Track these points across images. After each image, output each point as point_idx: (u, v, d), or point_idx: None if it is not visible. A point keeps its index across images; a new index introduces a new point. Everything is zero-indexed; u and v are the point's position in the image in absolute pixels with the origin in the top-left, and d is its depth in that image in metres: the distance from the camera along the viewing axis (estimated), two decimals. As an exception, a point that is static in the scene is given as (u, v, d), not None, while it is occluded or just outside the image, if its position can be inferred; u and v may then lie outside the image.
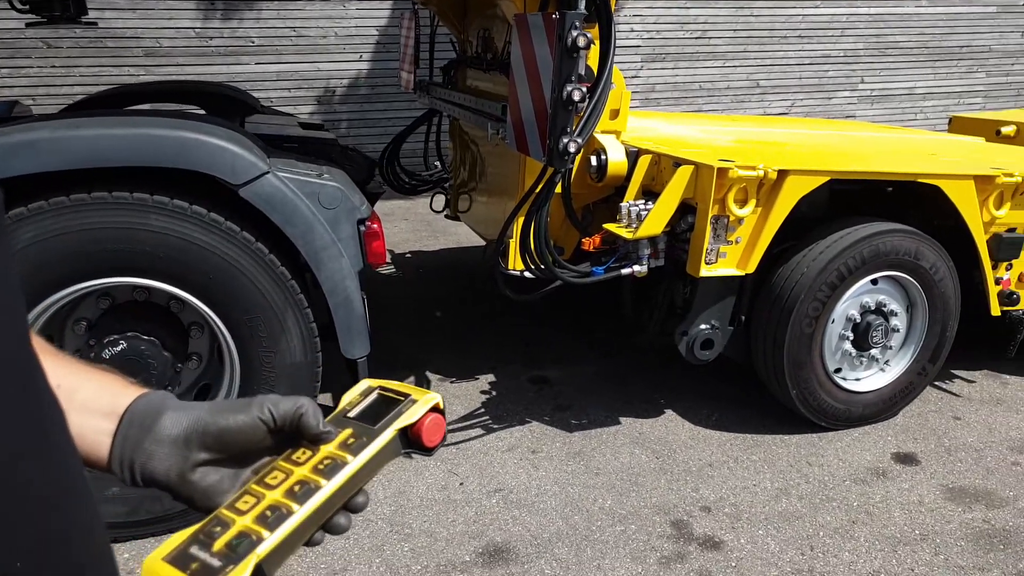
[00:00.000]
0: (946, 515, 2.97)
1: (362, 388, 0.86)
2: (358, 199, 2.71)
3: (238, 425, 0.76)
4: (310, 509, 0.73)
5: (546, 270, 3.17)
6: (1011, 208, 3.54)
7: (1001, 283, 3.68)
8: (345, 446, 0.78)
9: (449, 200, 4.92)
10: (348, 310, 2.68)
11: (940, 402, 3.85)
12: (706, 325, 3.31)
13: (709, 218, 3.06)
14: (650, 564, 2.70)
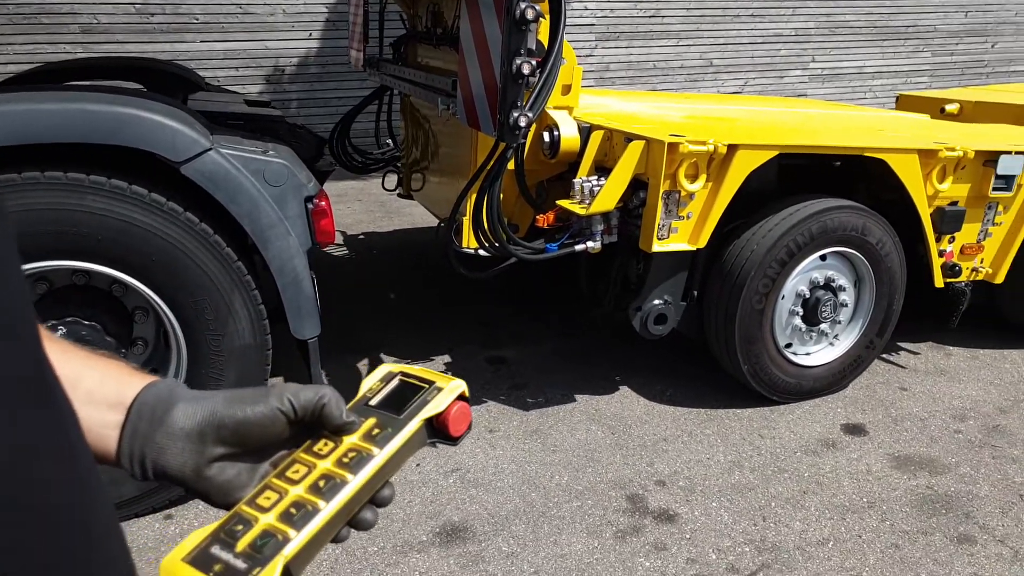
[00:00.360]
0: (892, 483, 3.04)
1: (382, 374, 0.82)
2: (305, 176, 2.65)
3: (256, 417, 0.72)
4: (337, 506, 0.69)
5: (500, 248, 3.15)
6: (953, 182, 3.61)
7: (944, 255, 3.76)
8: (370, 437, 0.74)
9: (401, 179, 4.87)
10: (297, 290, 2.62)
11: (887, 374, 3.94)
12: (659, 300, 3.33)
13: (660, 193, 3.07)
14: (606, 538, 2.72)
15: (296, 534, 0.67)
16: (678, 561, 2.61)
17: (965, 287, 3.89)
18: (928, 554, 2.65)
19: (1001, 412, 3.59)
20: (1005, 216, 3.85)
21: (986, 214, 3.81)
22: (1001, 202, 3.81)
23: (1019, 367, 4.04)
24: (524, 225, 3.50)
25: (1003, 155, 3.64)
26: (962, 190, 3.69)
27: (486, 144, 3.06)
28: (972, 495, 2.97)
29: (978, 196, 3.73)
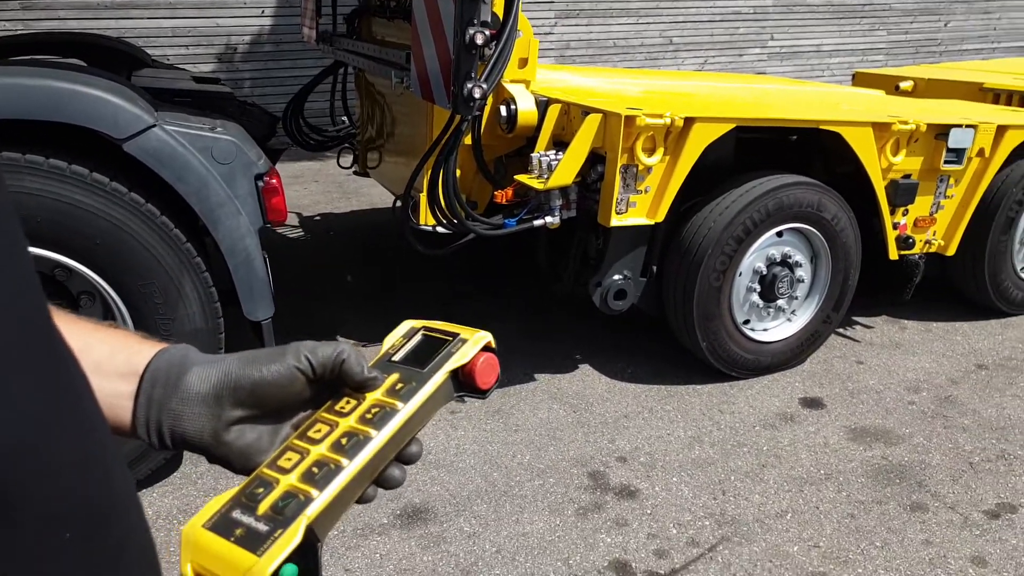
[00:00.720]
0: (848, 454, 3.09)
1: (404, 330, 0.79)
2: (255, 154, 2.58)
3: (273, 376, 0.69)
4: (361, 463, 0.66)
5: (458, 224, 3.12)
6: (907, 155, 3.66)
7: (898, 228, 3.81)
8: (393, 392, 0.71)
9: (357, 156, 4.79)
10: (249, 270, 2.56)
11: (844, 348, 3.99)
12: (619, 275, 3.33)
13: (618, 167, 3.05)
14: (568, 515, 2.72)
15: (319, 494, 0.64)
16: (639, 536, 2.62)
17: (919, 259, 3.95)
18: (882, 523, 2.69)
19: (952, 383, 3.66)
20: (956, 189, 3.92)
21: (938, 187, 3.87)
22: (952, 175, 3.87)
23: (969, 339, 4.13)
24: (483, 201, 3.47)
25: (954, 128, 3.70)
26: (915, 163, 3.74)
27: (442, 118, 3.02)
28: (924, 464, 3.03)
29: (930, 169, 3.79)
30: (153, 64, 4.15)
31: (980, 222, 4.02)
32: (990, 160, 3.89)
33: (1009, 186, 3.99)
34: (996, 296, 4.25)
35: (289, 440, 0.70)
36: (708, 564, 2.49)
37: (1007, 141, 3.88)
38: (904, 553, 2.55)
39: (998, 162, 3.91)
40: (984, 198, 3.97)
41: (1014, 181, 3.99)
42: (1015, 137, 3.90)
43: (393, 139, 4.17)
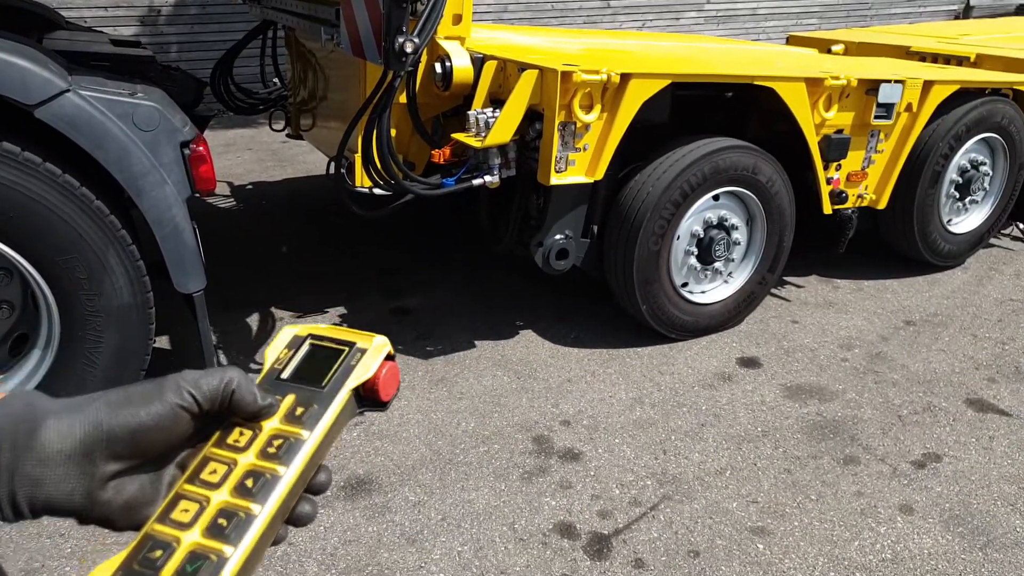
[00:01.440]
0: (785, 411, 3.17)
1: (288, 339, 0.69)
2: (180, 120, 2.47)
3: (153, 420, 0.59)
4: (274, 507, 0.58)
5: (395, 184, 3.06)
6: (839, 110, 3.72)
7: (832, 183, 3.89)
8: (294, 419, 0.63)
9: (290, 119, 4.65)
10: (178, 241, 2.47)
11: (779, 308, 4.08)
12: (560, 235, 3.32)
13: (556, 124, 3.03)
14: (513, 480, 2.73)
15: (233, 550, 0.55)
16: (583, 498, 2.64)
17: (852, 213, 4.04)
18: (817, 476, 2.78)
19: (883, 340, 3.78)
20: (886, 144, 4.01)
21: (869, 142, 3.96)
22: (883, 130, 3.95)
23: (899, 296, 4.26)
24: (420, 162, 3.41)
25: (883, 84, 3.77)
26: (847, 118, 3.81)
27: (374, 77, 2.95)
28: (857, 419, 3.12)
29: (861, 124, 3.86)
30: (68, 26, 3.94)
31: (909, 176, 4.13)
32: (918, 115, 3.99)
33: (936, 140, 4.10)
34: (925, 248, 4.38)
35: (179, 486, 0.60)
36: (650, 523, 2.54)
37: (933, 96, 3.98)
38: (837, 505, 2.63)
39: (925, 117, 4.01)
40: (912, 152, 4.08)
41: (940, 135, 4.10)
42: (940, 92, 4.01)
43: (326, 100, 4.07)
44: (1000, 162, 4.49)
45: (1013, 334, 3.85)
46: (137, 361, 2.63)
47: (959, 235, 4.52)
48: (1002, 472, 2.81)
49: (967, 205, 4.50)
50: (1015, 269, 4.63)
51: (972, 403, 3.25)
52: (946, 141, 4.12)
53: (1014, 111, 4.33)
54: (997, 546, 2.45)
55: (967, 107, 4.14)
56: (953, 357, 3.62)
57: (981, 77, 4.34)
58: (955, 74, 4.32)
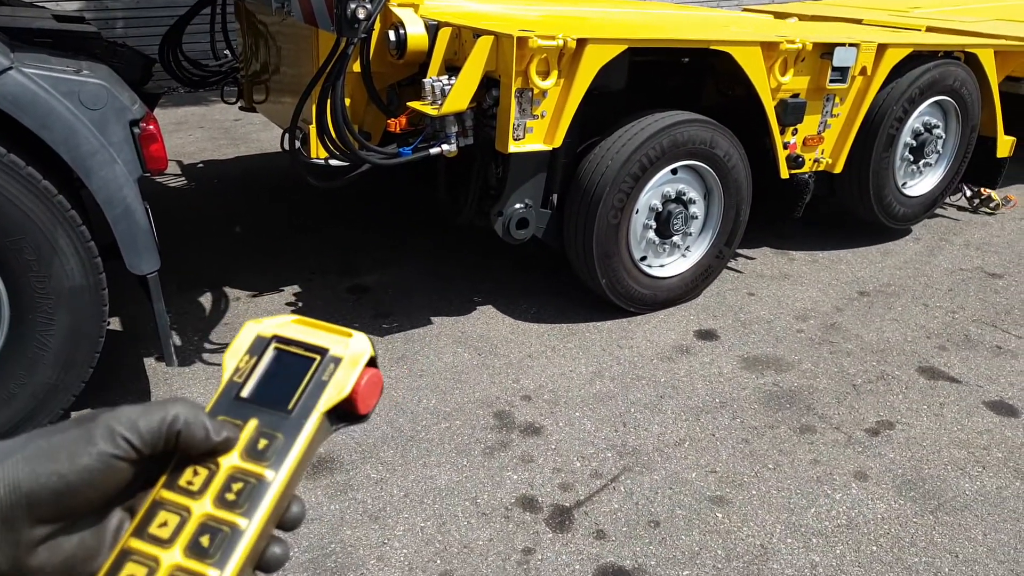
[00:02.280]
0: (742, 382, 3.22)
1: (250, 340, 0.59)
2: (128, 98, 2.41)
3: (81, 477, 0.50)
4: (234, 568, 0.50)
5: (351, 154, 3.03)
6: (794, 74, 3.76)
7: (789, 147, 3.94)
8: (255, 453, 0.53)
9: (242, 91, 4.56)
10: (130, 222, 2.42)
11: (736, 281, 4.14)
12: (520, 204, 3.32)
13: (513, 91, 3.02)
14: (475, 455, 2.74)
15: None
16: (545, 471, 2.67)
17: (808, 178, 4.10)
18: (774, 446, 2.83)
19: (837, 311, 3.86)
20: (842, 108, 4.07)
21: (825, 106, 4.01)
22: (838, 94, 4.01)
23: (852, 267, 4.34)
24: (376, 132, 3.37)
25: (838, 47, 3.82)
26: (802, 83, 3.85)
27: (327, 45, 2.90)
28: (812, 389, 3.19)
29: (817, 88, 3.91)
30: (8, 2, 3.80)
31: (864, 140, 4.19)
32: (872, 78, 4.04)
33: (890, 104, 4.16)
34: (880, 211, 4.46)
35: (125, 542, 0.52)
36: (611, 494, 2.57)
37: (887, 59, 4.04)
38: (794, 473, 2.69)
39: (879, 80, 4.07)
40: (867, 116, 4.14)
41: (894, 99, 4.16)
42: (894, 55, 4.06)
43: (278, 71, 4.00)
44: (953, 125, 4.58)
45: (963, 303, 3.95)
46: (90, 343, 2.58)
47: (914, 198, 4.61)
48: (952, 437, 2.90)
49: (921, 168, 4.58)
50: (964, 239, 4.75)
51: (924, 371, 3.34)
52: (900, 104, 4.18)
53: (966, 74, 4.42)
54: (947, 509, 2.54)
55: (920, 70, 4.20)
56: (905, 326, 3.71)
57: (934, 40, 4.43)
58: (908, 37, 4.40)
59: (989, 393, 3.17)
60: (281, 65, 3.94)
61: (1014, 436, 2.90)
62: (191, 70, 4.49)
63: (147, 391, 3.05)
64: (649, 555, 2.33)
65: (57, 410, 2.59)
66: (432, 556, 2.31)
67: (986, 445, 2.85)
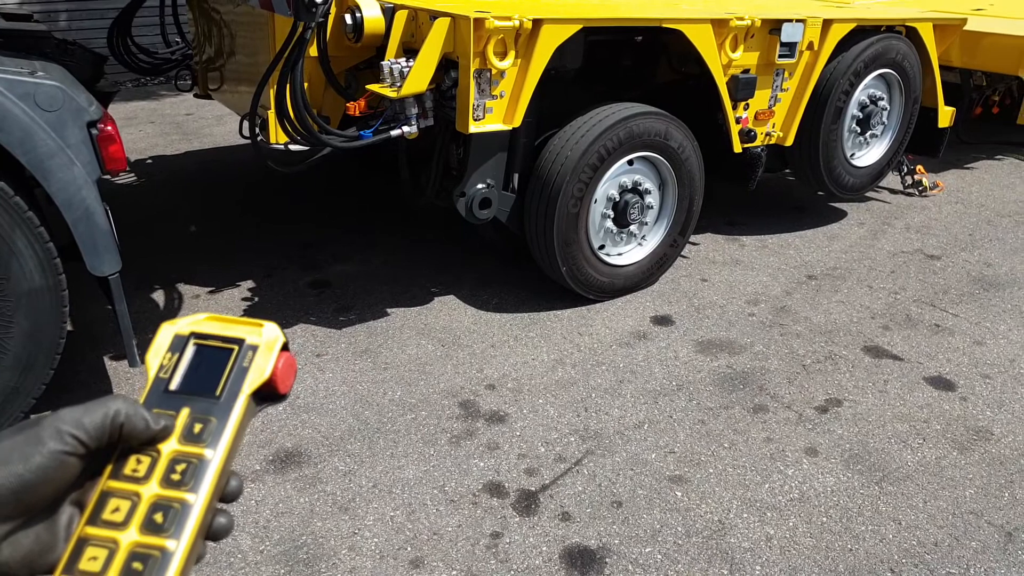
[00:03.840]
0: (697, 366, 3.33)
1: (169, 340, 0.63)
2: (85, 99, 2.40)
3: (36, 474, 0.54)
4: (189, 539, 0.55)
5: (311, 137, 3.05)
6: (745, 50, 3.87)
7: (741, 122, 4.06)
8: (192, 437, 0.58)
9: (196, 78, 4.52)
10: (90, 224, 2.41)
11: (690, 267, 4.25)
12: (482, 184, 3.37)
13: (472, 72, 3.07)
14: (442, 445, 2.80)
15: None
16: (510, 458, 2.74)
17: (760, 151, 4.23)
18: (729, 425, 2.95)
19: (787, 294, 4.00)
20: (791, 82, 4.20)
21: (775, 80, 4.13)
22: (787, 68, 4.14)
23: (800, 252, 4.49)
24: (336, 116, 3.38)
25: (786, 23, 3.94)
26: (752, 58, 3.96)
27: (284, 30, 2.91)
28: (764, 370, 3.32)
29: (767, 64, 4.03)
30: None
31: (813, 113, 4.33)
32: (819, 53, 4.18)
33: (837, 77, 4.30)
34: (831, 182, 4.61)
35: (81, 530, 0.55)
36: (575, 477, 2.66)
37: (833, 34, 4.18)
38: (749, 451, 2.81)
39: (826, 54, 4.21)
40: (816, 90, 4.27)
41: (840, 72, 4.30)
42: (839, 30, 4.21)
43: (234, 57, 3.97)
44: (896, 97, 4.75)
45: (904, 284, 4.12)
46: (50, 345, 2.57)
47: (862, 168, 4.77)
48: (895, 412, 3.04)
49: (868, 139, 4.74)
50: (905, 223, 4.94)
51: (869, 350, 3.48)
52: (846, 78, 4.32)
53: (907, 47, 4.59)
54: (891, 480, 2.67)
55: (864, 44, 4.35)
56: (851, 308, 3.86)
57: (876, 15, 4.60)
58: (852, 12, 4.55)
59: (928, 369, 3.34)
60: (236, 51, 3.92)
61: (951, 409, 3.06)
62: (142, 58, 4.42)
63: (109, 391, 3.05)
64: (613, 534, 2.42)
65: (17, 413, 2.58)
66: (403, 544, 2.37)
67: (926, 418, 3.00)
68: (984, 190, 5.51)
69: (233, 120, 6.42)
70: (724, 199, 5.07)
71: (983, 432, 2.92)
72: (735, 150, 4.05)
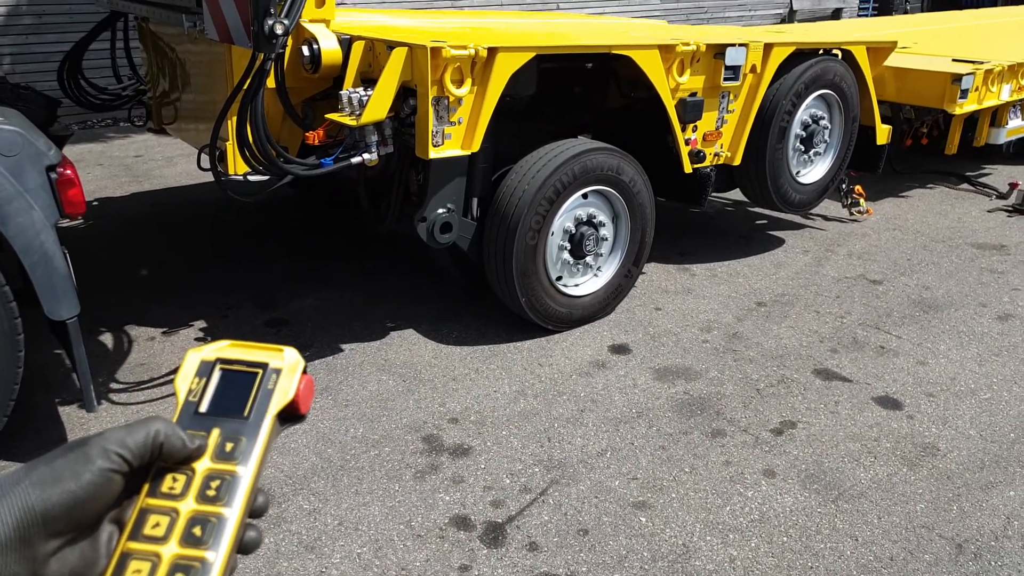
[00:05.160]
0: (655, 393, 3.40)
1: (196, 366, 0.67)
2: (44, 143, 2.39)
3: (87, 491, 0.57)
4: (227, 551, 0.58)
5: (272, 166, 3.06)
6: (691, 74, 4.01)
7: (690, 143, 4.18)
8: (224, 455, 0.62)
9: (151, 113, 4.50)
10: (48, 267, 2.39)
11: (644, 297, 4.34)
12: (443, 209, 3.42)
13: (430, 99, 3.14)
14: (406, 480, 2.80)
15: None
16: (475, 490, 2.76)
17: (710, 171, 4.36)
18: (689, 451, 3.01)
19: (738, 321, 4.11)
20: (736, 104, 4.36)
21: (721, 103, 4.28)
22: (732, 91, 4.29)
23: (749, 280, 4.63)
24: (294, 147, 3.41)
25: (729, 47, 4.11)
26: (699, 82, 4.11)
27: (241, 62, 2.94)
28: (720, 395, 3.40)
29: (712, 87, 4.17)
30: None
31: (759, 133, 4.48)
32: (762, 75, 4.35)
33: (779, 98, 4.47)
34: (778, 199, 4.76)
35: (123, 545, 0.59)
36: (541, 507, 2.68)
37: (774, 57, 4.36)
38: (709, 475, 2.87)
39: (768, 76, 4.38)
40: (760, 111, 4.43)
41: (783, 94, 4.48)
42: (780, 53, 4.39)
43: (189, 90, 3.98)
44: (836, 116, 4.94)
45: (849, 308, 4.28)
46: (5, 391, 2.52)
47: (808, 185, 4.94)
48: (847, 432, 3.15)
49: (812, 157, 4.92)
50: (847, 250, 5.13)
51: (819, 373, 3.60)
52: (788, 98, 4.49)
53: (844, 69, 4.80)
54: (847, 498, 2.76)
55: (804, 66, 4.54)
56: (800, 332, 3.99)
57: (813, 39, 4.83)
58: (791, 37, 4.77)
59: (876, 389, 3.46)
60: (191, 85, 3.93)
61: (899, 427, 3.18)
62: (95, 94, 4.39)
63: (64, 438, 2.98)
64: (580, 562, 2.45)
65: (-30, 461, 2.52)
66: (372, 580, 2.36)
67: (876, 437, 3.11)
68: (919, 217, 5.76)
69: (184, 161, 6.38)
70: (673, 229, 5.21)
71: (930, 448, 3.04)
72: (686, 170, 4.18)
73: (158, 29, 4.08)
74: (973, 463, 2.96)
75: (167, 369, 3.49)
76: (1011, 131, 6.28)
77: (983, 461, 2.97)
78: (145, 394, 3.34)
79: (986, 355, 3.77)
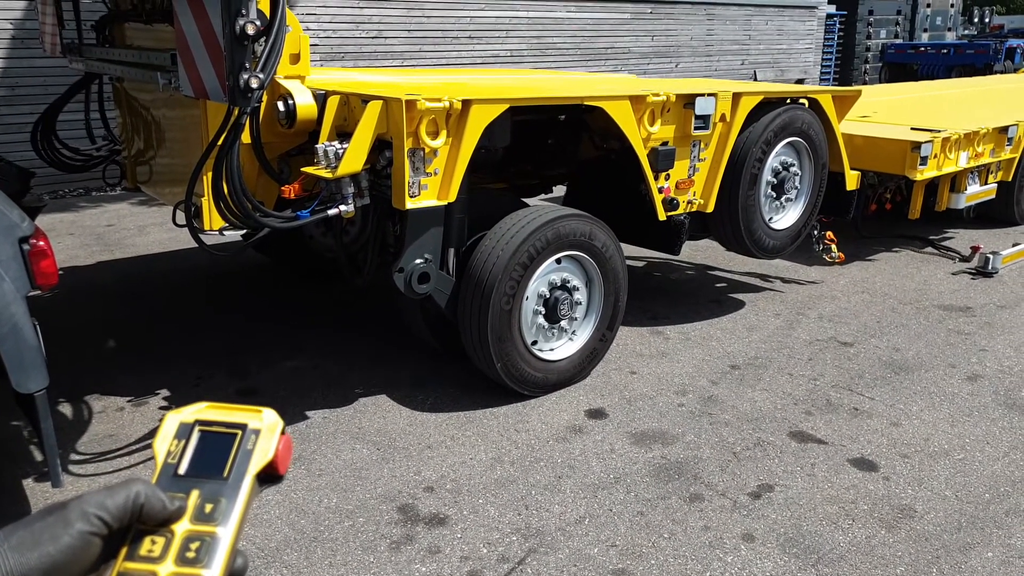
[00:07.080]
0: (633, 457, 3.39)
1: (174, 428, 0.67)
2: (17, 215, 2.39)
3: (65, 554, 0.57)
4: None
5: (248, 220, 3.06)
6: (662, 124, 4.10)
7: (663, 192, 4.26)
8: (203, 516, 0.62)
9: (125, 172, 4.51)
10: (17, 339, 2.35)
11: (619, 361, 4.36)
12: (420, 259, 3.42)
13: (406, 151, 3.17)
14: (381, 551, 2.74)
15: None
16: (452, 561, 2.70)
17: (684, 218, 4.42)
18: (667, 516, 2.99)
19: (713, 384, 4.13)
20: (707, 152, 4.45)
21: (692, 151, 4.37)
22: (703, 140, 4.39)
23: (722, 343, 4.67)
24: (269, 201, 3.41)
25: (699, 98, 4.22)
26: (670, 131, 4.20)
27: (217, 117, 2.96)
28: (697, 459, 3.39)
29: (684, 136, 4.27)
30: None
31: (731, 180, 4.55)
32: (731, 124, 4.45)
33: (750, 146, 4.57)
34: (752, 245, 4.82)
35: None
36: (520, 577, 2.63)
37: (743, 106, 4.48)
38: (688, 540, 2.84)
39: (738, 125, 4.48)
40: (731, 158, 4.52)
41: (753, 141, 4.58)
42: (748, 102, 4.52)
43: (164, 146, 4.01)
44: (806, 163, 5.05)
45: (822, 370, 4.32)
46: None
47: (781, 231, 5.01)
48: (824, 495, 3.14)
49: (784, 203, 5.00)
50: (818, 313, 5.20)
51: (794, 435, 3.61)
52: (759, 146, 4.59)
53: (811, 117, 4.94)
54: (826, 561, 2.74)
55: (772, 115, 4.65)
56: (775, 395, 4.01)
57: (780, 88, 4.98)
58: (758, 87, 4.92)
59: (852, 451, 3.47)
60: (166, 141, 3.97)
61: (876, 489, 3.19)
62: (69, 156, 4.40)
63: (27, 512, 2.88)
64: (560, 634, 2.39)
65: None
66: (346, 658, 2.28)
67: (853, 499, 3.11)
68: (886, 280, 5.88)
69: (156, 230, 6.37)
70: (646, 292, 5.26)
71: (907, 510, 3.04)
72: (660, 218, 4.25)
73: (133, 88, 4.13)
74: (950, 524, 2.96)
75: (136, 439, 3.42)
76: (970, 196, 6.49)
77: (960, 522, 2.97)
78: (112, 464, 3.26)
79: (957, 415, 3.81)
